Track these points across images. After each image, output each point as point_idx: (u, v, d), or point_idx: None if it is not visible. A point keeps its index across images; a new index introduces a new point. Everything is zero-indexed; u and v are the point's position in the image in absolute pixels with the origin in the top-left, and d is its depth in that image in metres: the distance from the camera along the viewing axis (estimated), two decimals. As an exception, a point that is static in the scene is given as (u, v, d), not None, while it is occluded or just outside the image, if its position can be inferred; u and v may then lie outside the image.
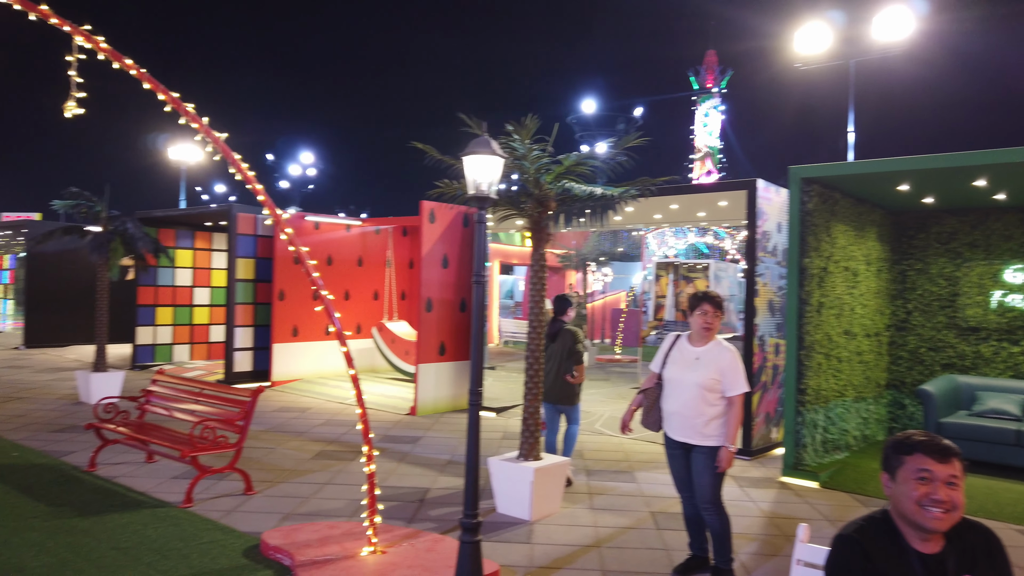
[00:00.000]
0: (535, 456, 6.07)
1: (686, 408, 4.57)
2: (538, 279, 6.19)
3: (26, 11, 4.39)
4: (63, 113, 4.57)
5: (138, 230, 10.89)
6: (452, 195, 6.41)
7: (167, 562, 4.83)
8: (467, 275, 10.79)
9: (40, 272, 17.59)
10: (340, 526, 5.47)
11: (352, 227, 13.84)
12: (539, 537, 5.54)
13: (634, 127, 52.89)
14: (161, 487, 6.51)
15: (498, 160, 4.33)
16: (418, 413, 10.23)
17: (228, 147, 4.91)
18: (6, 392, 11.17)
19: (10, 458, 7.36)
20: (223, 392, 6.98)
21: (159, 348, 14.92)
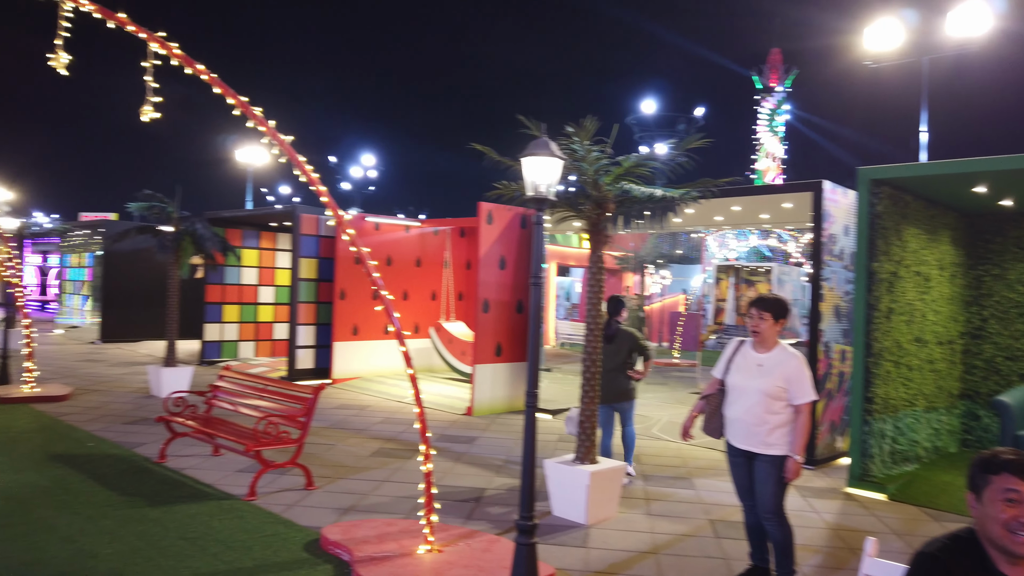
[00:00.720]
0: (591, 459, 6.02)
1: (748, 415, 4.47)
2: (596, 281, 6.15)
3: (104, 19, 4.58)
4: (140, 117, 4.76)
5: (207, 230, 11.25)
6: (510, 196, 6.42)
7: (231, 553, 4.97)
8: (524, 276, 10.80)
9: (115, 270, 18.36)
10: (397, 523, 5.53)
11: (411, 228, 14.02)
12: (595, 541, 5.49)
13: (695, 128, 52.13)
14: (226, 480, 6.70)
15: (557, 161, 4.31)
16: (474, 413, 10.28)
17: (293, 149, 5.03)
18: (83, 385, 11.69)
19: (86, 448, 7.69)
20: (286, 389, 7.15)
21: (226, 344, 15.39)
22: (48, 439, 8.00)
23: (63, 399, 10.31)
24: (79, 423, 8.86)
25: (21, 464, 6.94)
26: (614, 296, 7.10)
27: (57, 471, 6.76)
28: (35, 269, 29.19)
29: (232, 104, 4.86)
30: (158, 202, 11.16)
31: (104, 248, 18.61)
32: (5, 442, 7.76)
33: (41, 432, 8.32)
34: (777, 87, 46.74)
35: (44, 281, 29.42)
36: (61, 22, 4.68)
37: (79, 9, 4.59)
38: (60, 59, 4.70)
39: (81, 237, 22.57)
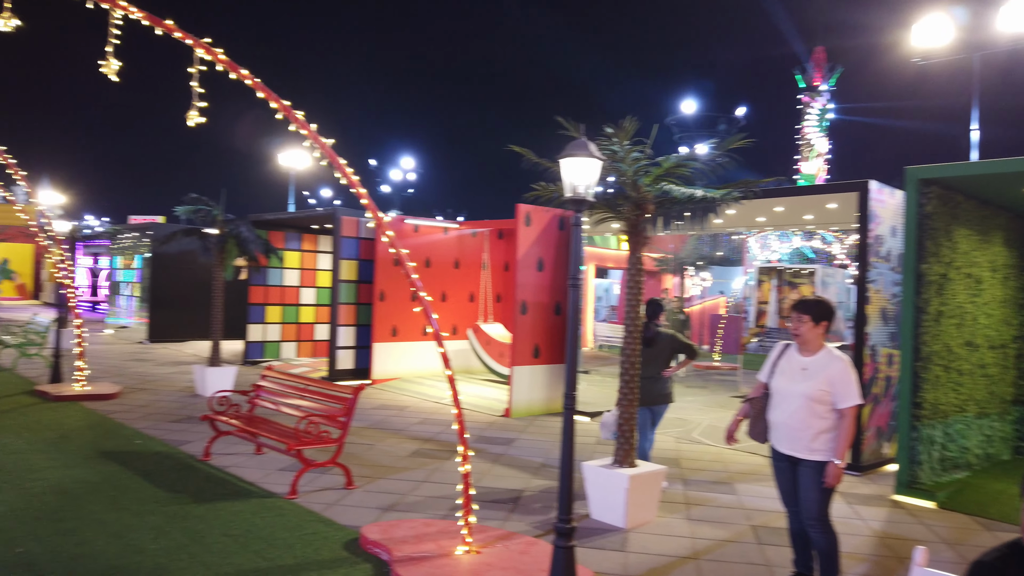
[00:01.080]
0: (630, 463, 5.97)
1: (792, 420, 4.39)
2: (635, 283, 6.10)
3: (152, 26, 4.69)
4: (186, 122, 4.87)
5: (251, 232, 11.45)
6: (548, 198, 6.41)
7: (274, 551, 5.04)
8: (562, 278, 10.77)
9: (163, 272, 18.81)
10: (436, 524, 5.55)
11: (449, 230, 14.09)
12: (634, 545, 5.44)
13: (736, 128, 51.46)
14: (268, 478, 6.81)
15: (595, 162, 4.29)
16: (512, 415, 10.28)
17: (334, 152, 5.09)
18: (132, 383, 11.99)
19: (134, 445, 7.89)
20: (326, 389, 7.23)
21: (268, 345, 15.65)
22: (98, 436, 8.22)
23: (112, 397, 10.59)
24: (127, 421, 9.09)
25: (72, 460, 7.14)
26: (652, 299, 7.03)
27: (106, 467, 6.95)
28: (86, 271, 30.07)
29: (275, 108, 4.94)
30: (204, 205, 11.40)
31: (152, 250, 19.08)
32: (57, 439, 8.00)
33: (91, 429, 8.56)
34: (821, 85, 45.89)
35: (95, 282, 30.28)
36: (111, 29, 4.82)
37: (128, 17, 4.72)
38: (111, 65, 4.84)
39: (130, 240, 23.17)
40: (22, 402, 10.06)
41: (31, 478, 6.49)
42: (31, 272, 35.19)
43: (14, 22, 4.86)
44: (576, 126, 4.86)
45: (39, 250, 33.88)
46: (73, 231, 16.19)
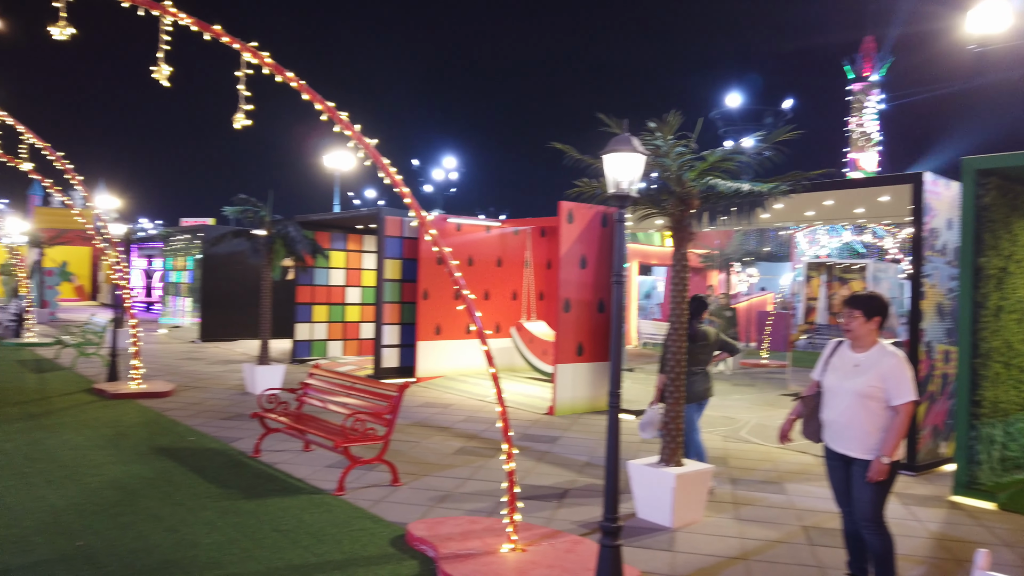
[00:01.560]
0: (677, 461, 5.90)
1: (844, 418, 4.28)
2: (680, 280, 6.02)
3: (201, 31, 4.79)
4: (233, 125, 4.96)
5: (298, 233, 11.64)
6: (591, 194, 6.36)
7: (322, 546, 5.11)
8: (605, 275, 10.70)
9: (213, 272, 19.26)
10: (481, 521, 5.57)
11: (492, 228, 14.12)
12: (681, 545, 5.37)
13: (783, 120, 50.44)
14: (316, 474, 6.91)
15: (639, 157, 4.24)
16: (556, 413, 10.25)
17: (378, 153, 5.13)
18: (184, 382, 12.30)
19: (187, 442, 8.09)
20: (372, 386, 7.31)
21: (315, 343, 15.90)
22: (153, 433, 8.46)
23: (166, 395, 10.88)
24: (181, 418, 9.33)
25: (129, 456, 7.36)
26: (696, 296, 6.93)
27: (161, 463, 7.14)
28: (141, 272, 30.96)
29: (320, 110, 5.00)
30: (251, 206, 11.62)
31: (203, 251, 19.55)
32: (114, 436, 8.25)
33: (147, 426, 8.80)
34: (871, 76, 44.72)
35: (149, 283, 31.16)
36: (162, 36, 4.94)
37: (178, 23, 4.83)
38: (162, 71, 4.96)
39: (182, 241, 23.78)
40: (81, 400, 10.41)
41: (90, 473, 6.70)
42: (89, 274, 36.40)
43: (69, 31, 5.02)
44: (618, 122, 4.81)
45: (96, 253, 35.03)
46: (128, 234, 16.68)
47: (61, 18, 4.96)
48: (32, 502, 5.84)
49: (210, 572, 4.62)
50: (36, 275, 24.55)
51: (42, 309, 23.95)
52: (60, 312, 25.97)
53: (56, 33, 4.99)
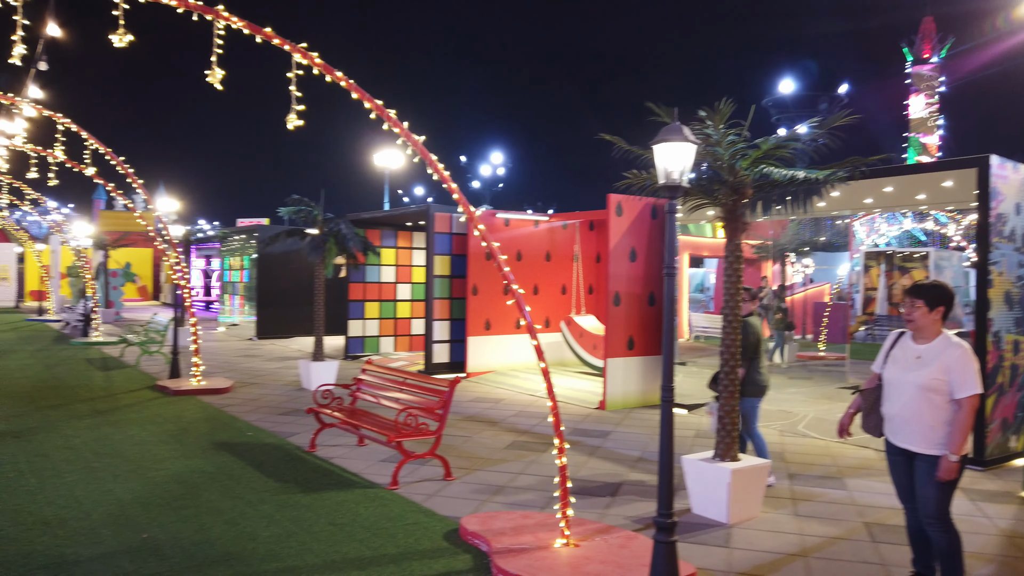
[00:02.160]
0: (732, 456, 5.79)
1: (906, 412, 4.13)
2: (733, 271, 5.90)
3: (253, 34, 4.88)
4: (286, 125, 5.05)
5: (349, 231, 11.79)
6: (640, 186, 6.27)
7: (377, 540, 5.18)
8: (655, 268, 10.57)
9: (268, 271, 19.70)
10: (533, 516, 5.56)
11: (540, 223, 14.08)
12: (738, 541, 5.27)
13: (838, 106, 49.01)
14: (370, 469, 7.00)
15: (690, 147, 4.16)
16: (607, 408, 10.18)
17: (426, 149, 5.16)
18: (242, 378, 12.62)
19: (246, 437, 8.29)
20: (424, 382, 7.37)
21: (367, 340, 16.13)
22: (213, 428, 8.69)
23: (225, 391, 11.17)
24: (239, 414, 9.56)
25: (191, 451, 7.58)
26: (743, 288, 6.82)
27: (221, 458, 7.33)
28: (200, 272, 31.86)
29: (369, 108, 5.04)
30: (304, 206, 11.82)
31: (258, 251, 20.01)
32: (177, 431, 8.51)
33: (207, 422, 9.05)
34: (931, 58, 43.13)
35: (207, 283, 32.05)
36: (215, 40, 5.05)
37: (231, 27, 4.93)
38: (215, 74, 5.08)
39: (239, 241, 24.37)
40: (145, 396, 10.76)
41: (154, 468, 6.92)
42: (151, 275, 37.63)
43: (128, 38, 5.18)
44: (668, 110, 4.73)
45: (157, 254, 36.19)
46: (187, 235, 17.17)
47: (120, 26, 5.12)
48: (100, 495, 6.06)
49: (269, 564, 4.72)
50: (101, 276, 25.48)
51: (107, 309, 24.86)
52: (124, 312, 26.90)
53: (116, 40, 5.15)
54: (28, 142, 11.23)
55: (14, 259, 33.80)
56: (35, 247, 27.31)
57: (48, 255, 28.85)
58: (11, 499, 5.92)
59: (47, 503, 5.83)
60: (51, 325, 23.17)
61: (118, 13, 5.07)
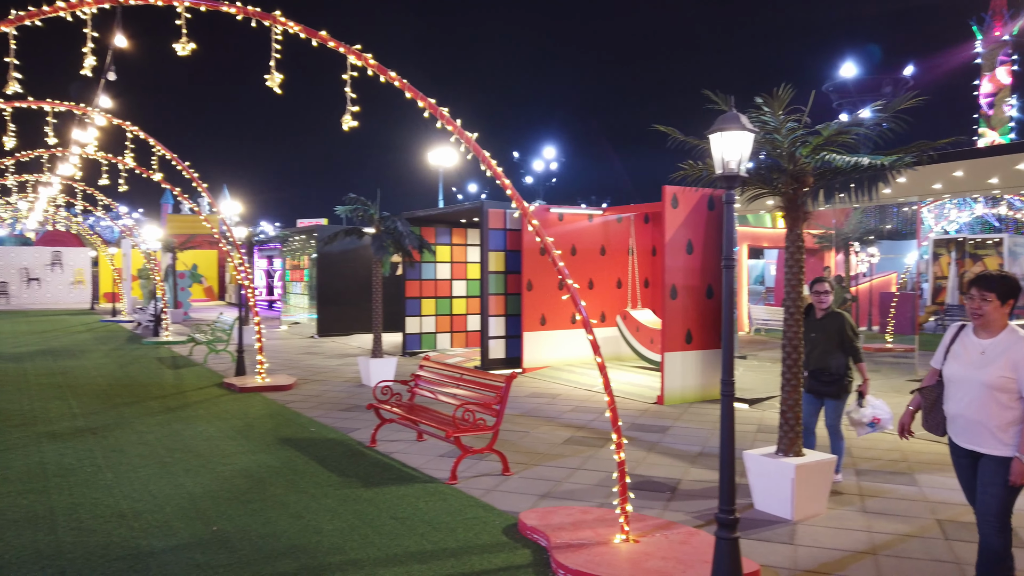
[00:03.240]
0: (796, 452, 5.65)
1: (971, 411, 3.88)
2: (794, 262, 5.75)
3: (309, 38, 4.98)
4: (341, 127, 5.13)
5: (405, 229, 11.93)
6: (696, 177, 6.17)
7: (437, 534, 5.24)
8: (713, 260, 10.39)
9: (328, 270, 20.11)
10: (592, 512, 5.54)
11: (594, 217, 13.99)
12: (803, 538, 5.15)
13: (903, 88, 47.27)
14: (429, 464, 7.09)
15: (748, 135, 4.06)
16: (665, 402, 10.07)
17: (479, 146, 5.18)
18: (304, 375, 12.91)
19: (309, 433, 8.48)
20: (480, 378, 7.41)
21: (424, 336, 16.31)
22: (277, 424, 8.92)
23: (288, 388, 11.46)
24: (302, 410, 9.80)
25: (256, 446, 7.80)
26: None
27: (286, 453, 7.52)
28: (262, 272, 32.73)
29: (422, 107, 5.09)
30: (361, 205, 12.02)
31: (317, 250, 20.43)
32: (243, 427, 8.76)
33: (272, 418, 9.30)
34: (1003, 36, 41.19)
35: (270, 283, 32.91)
36: (273, 44, 5.16)
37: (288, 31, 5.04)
38: (274, 79, 5.20)
39: (299, 242, 24.93)
40: (213, 393, 11.12)
41: (223, 463, 7.15)
42: (216, 276, 38.84)
43: (190, 46, 5.35)
44: (725, 98, 4.64)
45: (222, 255, 37.33)
46: (249, 236, 17.65)
47: (183, 35, 5.29)
48: (172, 489, 6.29)
49: (333, 557, 4.82)
50: (170, 278, 26.41)
51: (176, 310, 25.76)
52: (192, 312, 27.83)
53: (179, 49, 5.32)
54: (99, 150, 11.72)
55: (89, 263, 35.34)
56: (108, 251, 28.47)
57: (120, 258, 30.04)
58: (90, 492, 6.19)
59: (123, 496, 6.08)
60: (124, 326, 24.14)
61: (181, 23, 5.25)
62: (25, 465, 7.05)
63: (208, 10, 5.18)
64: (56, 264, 35.62)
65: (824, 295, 6.36)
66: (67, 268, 35.81)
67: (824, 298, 6.36)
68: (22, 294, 34.75)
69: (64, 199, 21.28)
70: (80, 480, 6.55)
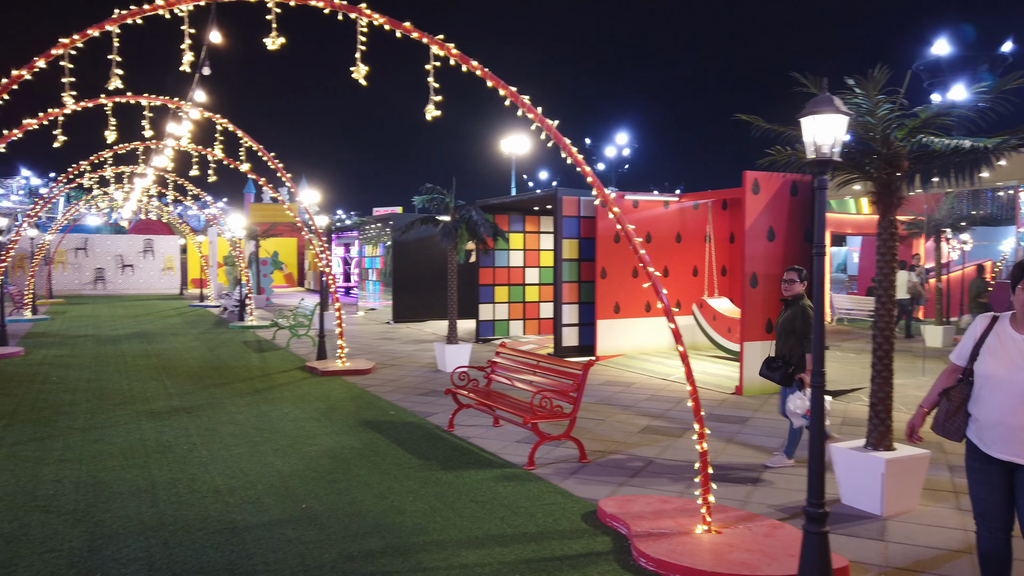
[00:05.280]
0: (886, 445, 5.47)
1: (1014, 418, 3.41)
2: (887, 249, 5.54)
3: (393, 29, 5.06)
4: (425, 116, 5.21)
5: (480, 217, 12.04)
6: (784, 162, 6.00)
7: (517, 518, 5.30)
8: (795, 247, 10.09)
9: (403, 257, 20.49)
10: (672, 501, 5.50)
11: (670, 203, 13.78)
12: (894, 535, 4.99)
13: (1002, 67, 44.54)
14: (507, 449, 7.16)
15: (842, 118, 3.92)
16: (744, 393, 9.87)
17: (559, 133, 5.17)
18: (382, 360, 13.22)
19: (388, 416, 8.70)
20: (557, 365, 7.43)
21: (497, 323, 16.45)
22: (358, 407, 9.18)
23: (367, 372, 11.76)
24: (381, 394, 10.04)
25: (339, 428, 8.04)
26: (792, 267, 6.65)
27: (367, 435, 7.73)
28: (339, 259, 33.58)
29: (503, 95, 5.11)
30: (437, 194, 12.18)
31: (393, 238, 20.83)
32: (326, 409, 9.05)
33: (353, 401, 9.57)
34: (1114, 4, 38.25)
35: (347, 270, 33.75)
36: (359, 37, 5.28)
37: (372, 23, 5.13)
38: (360, 70, 5.31)
39: (375, 229, 25.47)
40: (296, 376, 11.52)
41: (308, 443, 7.41)
42: (295, 262, 40.09)
43: (280, 40, 5.52)
44: (817, 80, 4.48)
45: (301, 242, 38.48)
46: (330, 225, 18.14)
47: (273, 29, 5.47)
48: (262, 467, 6.56)
49: (417, 538, 4.95)
50: (253, 265, 27.41)
51: (259, 295, 26.73)
52: (273, 298, 28.83)
53: (269, 43, 5.50)
54: (191, 142, 12.24)
55: (177, 250, 37.01)
56: (195, 239, 29.74)
57: (207, 246, 31.34)
58: (187, 468, 6.53)
59: (218, 473, 6.39)
60: (211, 310, 25.22)
61: (271, 17, 5.42)
62: (127, 441, 7.48)
63: (297, 4, 5.32)
64: (148, 251, 37.46)
65: (790, 283, 6.49)
66: (158, 255, 37.61)
67: (790, 286, 6.49)
68: (117, 280, 36.71)
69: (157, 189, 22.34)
70: (177, 456, 6.91)
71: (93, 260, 36.25)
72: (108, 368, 12.33)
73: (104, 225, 40.94)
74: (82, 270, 36.05)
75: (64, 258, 35.42)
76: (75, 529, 5.08)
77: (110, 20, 5.63)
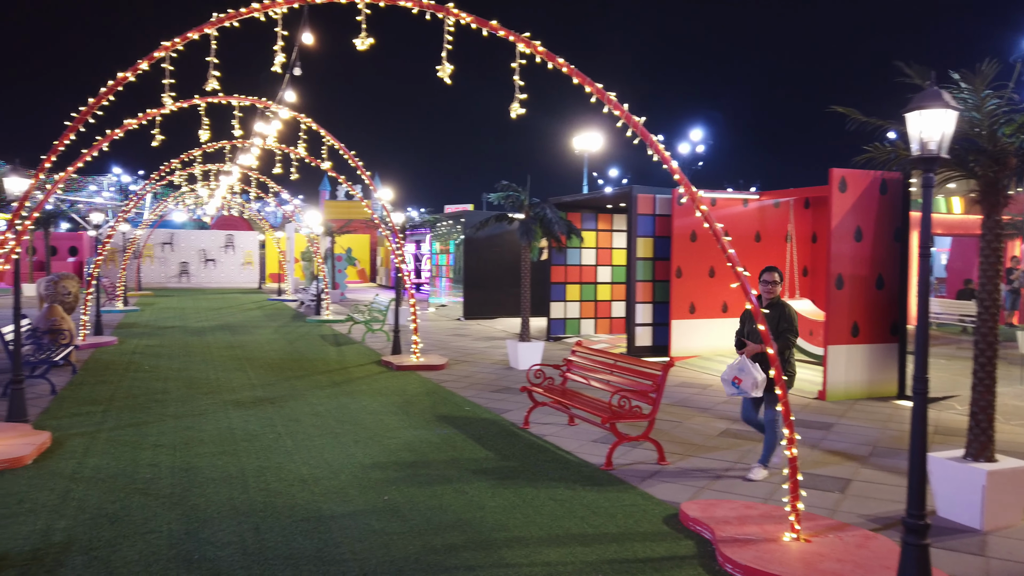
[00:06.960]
0: (988, 456, 5.20)
1: None
2: (991, 251, 5.27)
3: (479, 27, 5.09)
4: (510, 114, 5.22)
5: (554, 215, 12.02)
6: (884, 159, 5.76)
7: (597, 519, 5.27)
8: (883, 248, 9.70)
9: (474, 254, 20.64)
10: (757, 507, 5.37)
11: (749, 201, 13.45)
12: (996, 550, 4.74)
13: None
14: (583, 448, 7.13)
15: (951, 113, 3.75)
16: (828, 398, 9.55)
17: (646, 130, 5.11)
18: (455, 356, 13.36)
19: (464, 412, 8.78)
20: (635, 365, 7.35)
21: (568, 321, 16.39)
22: (434, 402, 9.30)
23: (441, 368, 11.90)
24: (455, 389, 10.14)
25: (417, 422, 8.17)
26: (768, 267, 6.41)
27: (444, 430, 7.82)
28: (411, 256, 34.11)
29: (589, 92, 5.08)
30: (513, 191, 12.21)
31: (465, 235, 21.02)
32: (403, 403, 9.20)
33: (428, 396, 9.70)
34: None
35: (418, 266, 34.26)
36: (446, 36, 5.33)
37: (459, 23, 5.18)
38: (445, 69, 5.37)
39: (446, 227, 25.76)
40: (372, 370, 11.75)
41: (387, 436, 7.55)
42: (368, 259, 40.92)
43: (369, 41, 5.63)
44: (923, 71, 4.29)
45: (373, 239, 39.24)
46: (405, 222, 18.43)
47: (363, 30, 5.58)
48: (345, 458, 6.72)
49: (498, 534, 4.98)
50: (329, 260, 28.11)
51: (333, 290, 27.39)
52: (347, 293, 29.50)
53: (359, 44, 5.62)
54: (275, 141, 12.64)
55: (257, 246, 38.30)
56: (274, 235, 30.69)
57: (284, 242, 32.30)
58: (274, 457, 6.74)
59: (303, 462, 6.58)
60: (288, 304, 25.99)
61: (361, 18, 5.53)
62: (216, 429, 7.78)
63: (386, 5, 5.41)
64: (229, 246, 38.86)
65: (771, 285, 6.26)
66: (238, 250, 38.98)
67: (773, 288, 6.27)
68: (200, 273, 38.23)
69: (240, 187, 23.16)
70: (264, 445, 7.15)
71: (178, 254, 37.85)
72: (195, 358, 12.85)
73: (188, 221, 42.71)
74: (168, 264, 37.69)
75: (152, 252, 37.10)
76: (172, 512, 5.31)
77: (208, 23, 5.86)
